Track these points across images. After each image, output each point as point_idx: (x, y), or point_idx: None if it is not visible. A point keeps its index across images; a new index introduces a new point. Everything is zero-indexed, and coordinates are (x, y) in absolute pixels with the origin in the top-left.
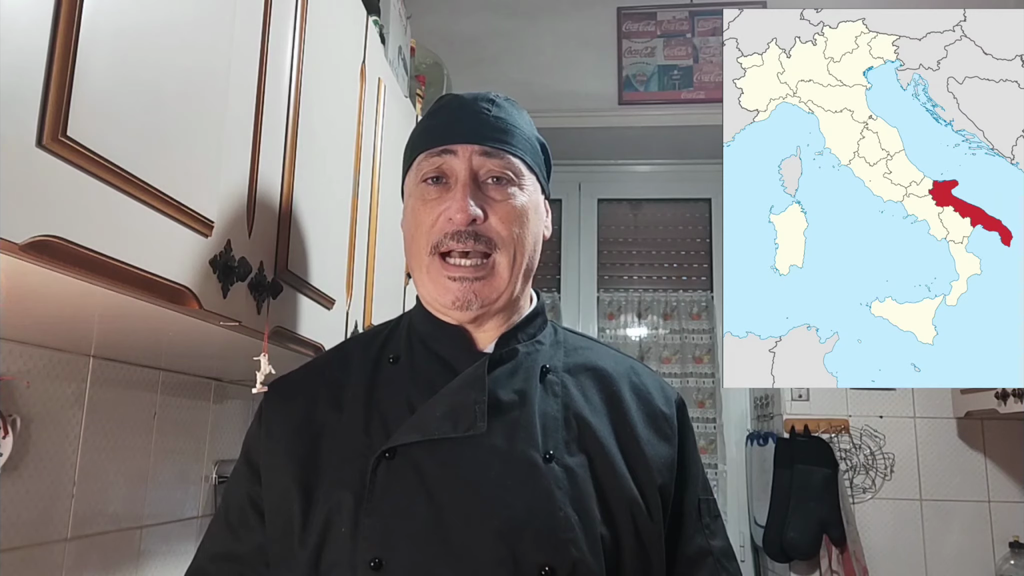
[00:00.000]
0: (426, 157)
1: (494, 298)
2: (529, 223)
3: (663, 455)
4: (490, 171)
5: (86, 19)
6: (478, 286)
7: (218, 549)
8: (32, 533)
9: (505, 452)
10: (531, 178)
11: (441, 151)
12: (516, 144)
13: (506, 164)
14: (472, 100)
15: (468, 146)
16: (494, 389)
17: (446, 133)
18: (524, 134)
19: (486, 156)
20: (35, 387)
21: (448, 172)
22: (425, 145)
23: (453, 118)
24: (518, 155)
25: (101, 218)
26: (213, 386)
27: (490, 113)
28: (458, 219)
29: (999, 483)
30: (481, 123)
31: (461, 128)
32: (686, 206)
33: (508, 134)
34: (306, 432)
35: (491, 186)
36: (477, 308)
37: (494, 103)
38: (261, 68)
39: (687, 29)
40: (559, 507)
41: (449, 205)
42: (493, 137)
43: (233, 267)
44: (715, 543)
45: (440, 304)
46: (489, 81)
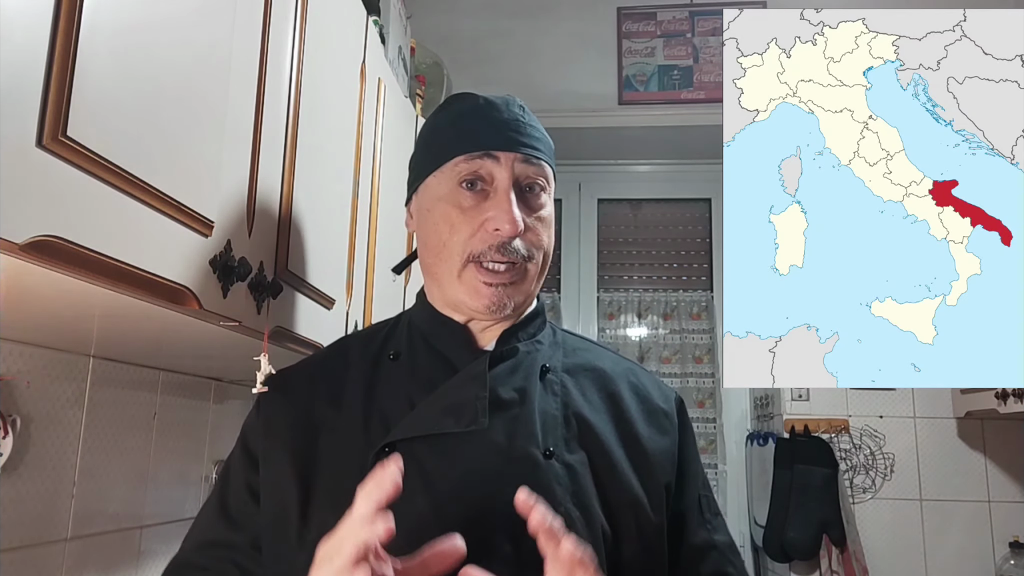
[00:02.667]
0: (465, 160)
1: (522, 300)
2: (551, 229)
3: (664, 450)
4: (529, 179)
5: (86, 19)
6: (511, 290)
7: (209, 537)
8: (32, 533)
9: (505, 448)
10: (552, 187)
11: (483, 155)
12: (546, 152)
13: (540, 172)
14: (504, 106)
15: (511, 153)
16: (495, 386)
17: (488, 138)
18: (547, 142)
19: (526, 164)
20: (35, 387)
21: (487, 177)
22: (462, 148)
23: (493, 123)
24: (549, 164)
25: (101, 218)
26: (213, 386)
27: (525, 120)
28: (507, 230)
29: (999, 483)
30: (520, 130)
31: (504, 134)
32: (686, 206)
33: (541, 142)
34: (305, 427)
35: (528, 195)
36: (511, 311)
37: (524, 109)
38: (261, 68)
39: (687, 29)
40: (559, 503)
41: (496, 215)
42: (531, 145)
43: (233, 267)
44: (719, 537)
45: (471, 308)
46: (489, 81)
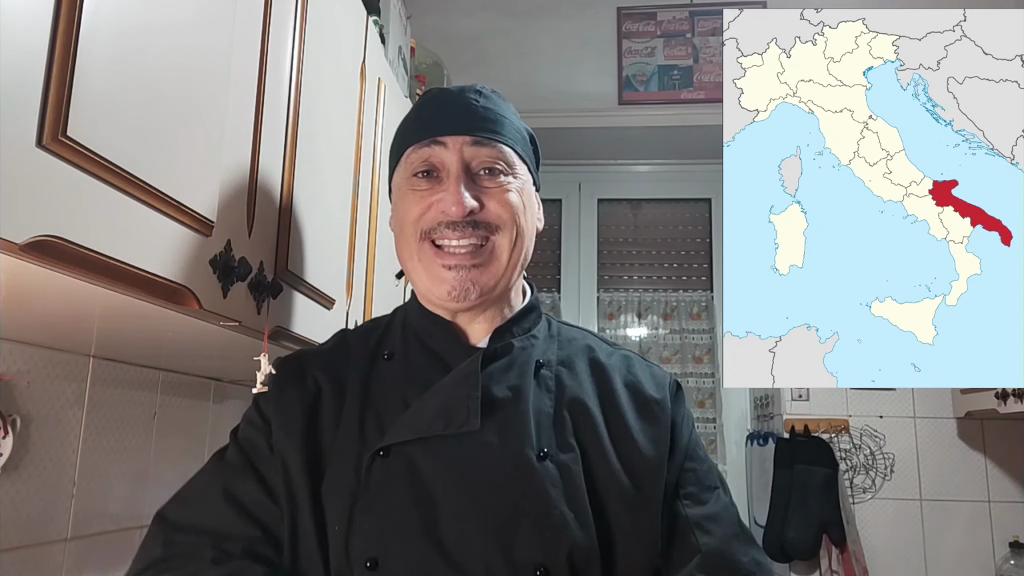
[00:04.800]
0: (415, 150)
1: (492, 285)
2: (527, 210)
3: (654, 440)
4: (483, 162)
5: (86, 19)
6: (475, 274)
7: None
8: (32, 533)
9: (499, 450)
10: (523, 168)
11: (430, 143)
12: (506, 134)
13: (498, 154)
14: (459, 92)
15: (458, 137)
16: (488, 385)
17: (435, 125)
18: (514, 124)
19: (478, 146)
20: (35, 387)
21: (439, 165)
22: (414, 138)
23: (441, 110)
24: (509, 144)
25: (101, 218)
26: (213, 386)
27: (479, 103)
28: (453, 211)
29: (999, 483)
30: (470, 113)
31: (450, 119)
32: (686, 206)
33: (498, 123)
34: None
35: (484, 177)
36: (476, 297)
37: (481, 94)
38: (261, 68)
39: (687, 29)
40: (554, 505)
41: (442, 197)
42: (483, 127)
43: (233, 267)
44: (694, 511)
45: (435, 296)
46: (489, 81)
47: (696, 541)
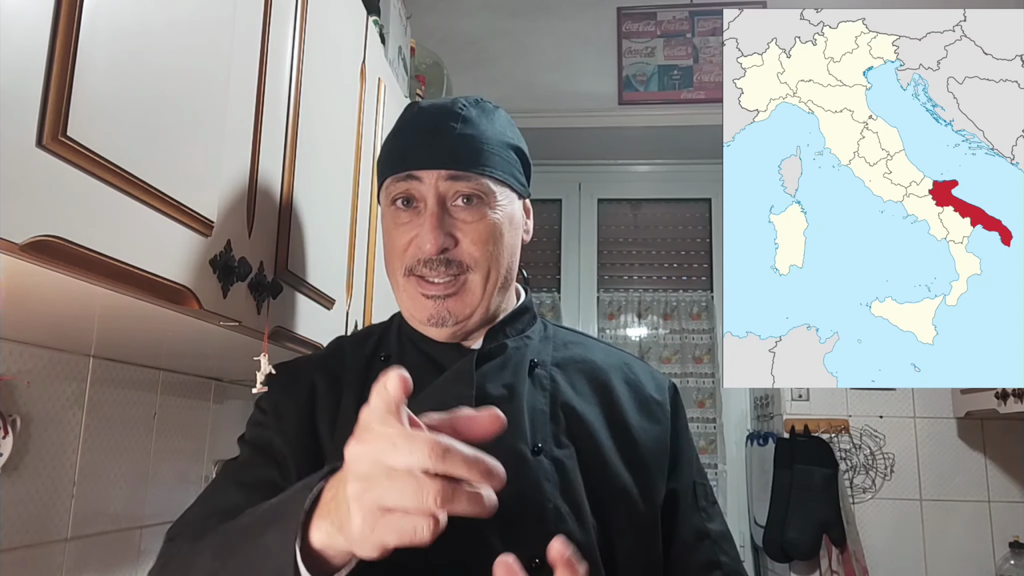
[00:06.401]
0: (393, 181)
1: (468, 314)
2: (503, 238)
3: (656, 439)
4: (459, 192)
5: (86, 19)
6: (451, 303)
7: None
8: (32, 533)
9: (493, 446)
10: (504, 192)
11: (407, 176)
12: (485, 162)
13: (475, 185)
14: (436, 115)
15: (434, 172)
16: (483, 384)
17: (411, 157)
18: (495, 144)
19: (453, 180)
20: (35, 387)
21: (416, 195)
22: (391, 169)
23: (418, 140)
24: (487, 174)
25: (101, 218)
26: (213, 386)
27: (456, 131)
28: (427, 249)
29: (999, 483)
30: (446, 145)
31: (425, 153)
32: (686, 206)
33: (476, 153)
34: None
35: (461, 208)
36: (452, 324)
37: (461, 115)
38: (261, 68)
39: (687, 29)
40: (549, 499)
41: (418, 233)
42: (459, 160)
43: (233, 267)
44: (712, 526)
45: (416, 321)
46: (489, 81)
47: (717, 558)
